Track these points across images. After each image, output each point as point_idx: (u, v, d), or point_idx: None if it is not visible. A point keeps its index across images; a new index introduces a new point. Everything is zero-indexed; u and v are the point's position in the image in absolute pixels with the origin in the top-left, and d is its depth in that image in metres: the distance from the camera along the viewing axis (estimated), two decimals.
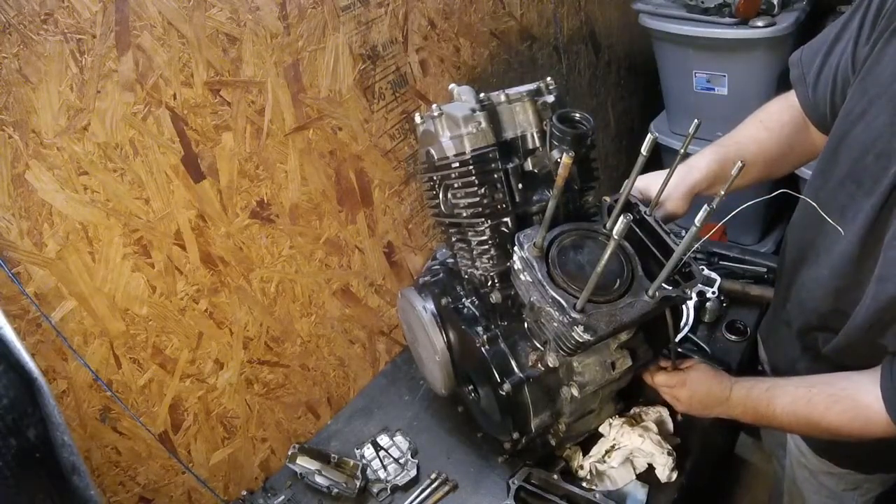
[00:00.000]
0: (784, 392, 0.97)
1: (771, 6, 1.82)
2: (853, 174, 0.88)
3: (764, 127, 1.08)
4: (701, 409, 1.08)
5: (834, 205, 0.90)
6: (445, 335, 1.20)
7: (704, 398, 1.06)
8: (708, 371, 1.08)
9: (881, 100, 0.83)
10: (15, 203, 0.90)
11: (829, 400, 0.91)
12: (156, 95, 1.01)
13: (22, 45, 0.85)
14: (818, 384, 0.94)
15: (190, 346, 1.17)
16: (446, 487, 1.24)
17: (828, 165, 0.95)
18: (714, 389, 1.05)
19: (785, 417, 0.96)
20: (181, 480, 1.22)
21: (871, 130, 0.85)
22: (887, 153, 0.82)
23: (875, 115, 0.84)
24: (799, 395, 0.94)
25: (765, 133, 1.08)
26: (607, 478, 1.17)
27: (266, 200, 1.22)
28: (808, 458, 1.19)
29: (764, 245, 2.28)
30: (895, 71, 0.82)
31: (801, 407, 0.93)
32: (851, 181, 0.89)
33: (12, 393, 0.75)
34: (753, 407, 1.00)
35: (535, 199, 1.06)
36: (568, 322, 0.90)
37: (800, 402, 0.94)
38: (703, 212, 0.76)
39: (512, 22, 1.72)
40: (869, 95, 0.86)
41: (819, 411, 0.91)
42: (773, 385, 0.99)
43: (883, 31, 0.84)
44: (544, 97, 1.06)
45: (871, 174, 0.85)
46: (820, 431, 0.94)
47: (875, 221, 0.84)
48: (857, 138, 0.87)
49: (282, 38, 1.16)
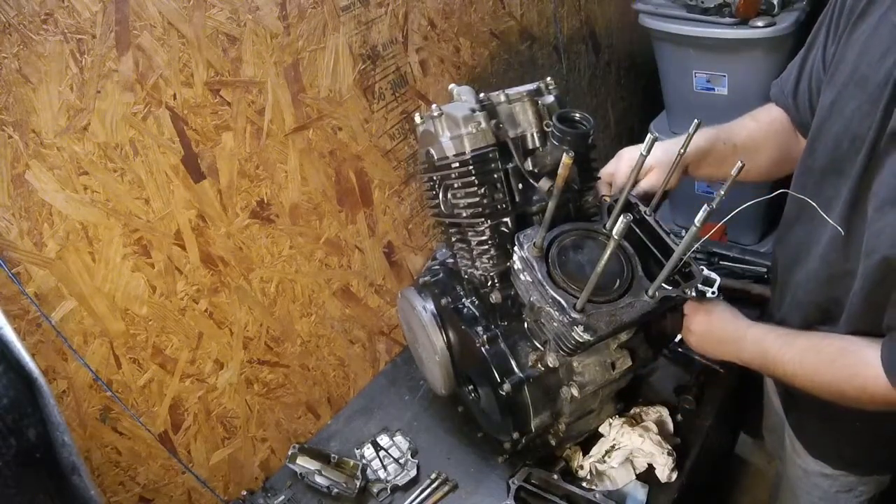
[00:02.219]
0: (796, 340, 0.95)
1: (771, 6, 1.81)
2: (833, 164, 0.90)
3: (752, 118, 1.12)
4: (713, 345, 1.05)
5: (821, 199, 0.91)
6: (445, 335, 1.20)
7: (720, 332, 1.03)
8: (729, 308, 1.05)
9: (848, 87, 0.86)
10: (15, 203, 0.90)
11: (837, 353, 0.89)
12: (156, 95, 1.01)
13: (22, 45, 0.85)
14: (830, 337, 0.93)
15: (190, 346, 1.17)
16: (446, 487, 1.24)
17: (808, 162, 0.97)
18: (731, 326, 1.02)
19: (791, 366, 0.94)
20: (181, 480, 1.22)
21: (843, 118, 0.87)
22: (860, 135, 0.84)
23: (845, 102, 0.87)
24: (810, 345, 0.93)
25: (753, 123, 1.11)
26: (607, 478, 1.17)
27: (266, 200, 1.22)
28: (802, 458, 1.19)
29: (764, 245, 2.28)
30: (859, 55, 0.85)
31: (810, 357, 0.92)
32: (832, 172, 0.90)
33: (12, 393, 0.76)
34: (764, 352, 0.97)
35: (535, 199, 1.06)
36: (568, 322, 0.90)
37: (809, 351, 0.92)
38: (702, 212, 0.76)
39: (512, 22, 1.72)
40: (837, 87, 0.89)
41: (825, 363, 0.90)
42: (788, 333, 0.98)
43: (845, 27, 0.89)
44: (544, 97, 1.06)
45: (848, 159, 0.86)
46: (821, 385, 0.91)
47: (855, 202, 0.86)
48: (831, 129, 0.90)
49: (282, 38, 1.16)
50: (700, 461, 1.23)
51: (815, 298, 0.99)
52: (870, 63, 0.83)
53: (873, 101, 0.81)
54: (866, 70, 0.83)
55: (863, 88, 0.83)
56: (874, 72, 0.81)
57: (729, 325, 1.03)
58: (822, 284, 0.96)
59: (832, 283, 0.94)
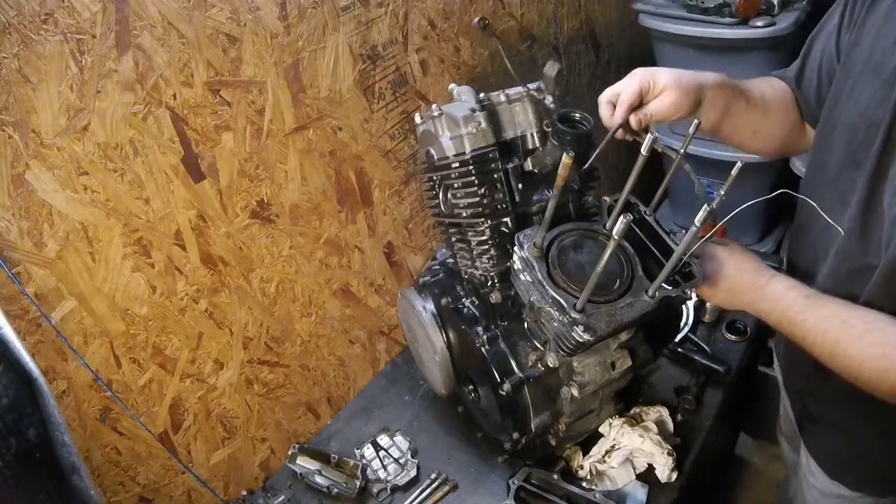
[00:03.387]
0: (823, 304, 0.86)
1: (771, 6, 1.81)
2: (850, 157, 0.87)
3: (766, 82, 1.06)
4: (726, 294, 0.96)
5: (835, 195, 0.88)
6: (445, 335, 1.20)
7: (735, 279, 0.94)
8: (748, 253, 0.96)
9: (864, 75, 0.84)
10: (15, 203, 0.90)
11: (865, 328, 0.81)
12: (156, 95, 1.01)
13: (22, 45, 0.85)
14: (860, 309, 0.85)
15: (190, 346, 1.17)
16: (446, 487, 1.24)
17: (822, 156, 0.94)
18: (748, 274, 0.93)
19: (812, 334, 0.85)
20: (181, 480, 1.22)
21: (858, 106, 0.85)
22: (875, 123, 0.81)
23: (860, 90, 0.84)
24: (836, 312, 0.85)
25: (767, 87, 1.05)
26: (607, 478, 1.17)
27: (266, 200, 1.22)
28: (818, 478, 1.13)
29: (764, 245, 2.28)
30: (873, 42, 0.83)
31: (835, 325, 0.84)
32: (849, 165, 0.87)
33: (12, 393, 0.76)
34: (785, 308, 0.89)
35: (535, 199, 1.06)
36: (568, 322, 0.90)
37: (835, 319, 0.84)
38: (702, 212, 0.76)
39: (512, 22, 1.72)
40: (852, 75, 0.86)
41: (850, 335, 0.82)
42: (812, 295, 0.88)
43: (860, 13, 0.86)
44: (544, 97, 1.06)
45: (864, 149, 0.83)
46: (843, 362, 0.83)
47: (872, 194, 0.83)
48: (847, 119, 0.87)
49: (282, 38, 1.16)
50: (700, 461, 1.23)
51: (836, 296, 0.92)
52: (884, 49, 0.81)
53: (888, 88, 0.79)
54: (881, 56, 0.81)
55: (877, 75, 0.81)
56: (888, 58, 0.80)
57: (748, 270, 0.93)
58: (842, 280, 0.91)
59: (852, 279, 0.89)
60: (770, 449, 2.07)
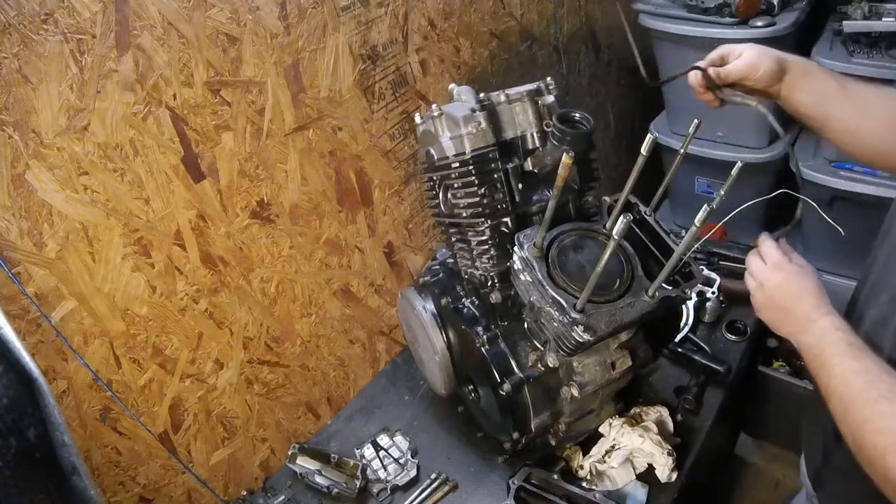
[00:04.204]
0: (860, 356, 0.77)
1: (771, 6, 1.82)
2: None
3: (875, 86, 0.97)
4: (774, 314, 0.89)
5: None
6: (445, 335, 1.20)
7: (791, 301, 0.86)
8: (815, 278, 0.87)
9: None
10: (15, 203, 0.90)
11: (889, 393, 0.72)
12: (156, 95, 1.01)
13: (22, 45, 0.85)
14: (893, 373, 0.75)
15: (190, 346, 1.17)
16: (446, 487, 1.24)
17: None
18: (808, 300, 0.84)
19: (835, 382, 0.77)
20: (181, 480, 1.22)
21: None
22: None
23: None
24: (869, 369, 0.75)
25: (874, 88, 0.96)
26: (607, 478, 1.17)
27: (266, 200, 1.22)
28: None
29: None
30: None
31: (860, 381, 0.75)
32: None
33: (12, 393, 0.75)
34: (824, 348, 0.80)
35: (535, 199, 1.06)
36: (568, 322, 0.90)
37: (864, 374, 0.75)
38: (703, 212, 0.76)
39: (512, 22, 1.72)
40: None
41: (868, 396, 0.73)
42: (857, 344, 0.79)
43: None
44: (544, 97, 1.06)
45: None
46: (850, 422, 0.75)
47: None
48: None
49: (282, 38, 1.16)
50: (700, 461, 1.23)
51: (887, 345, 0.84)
52: None
53: None
54: None
55: None
56: None
57: (809, 296, 0.85)
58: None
59: None
60: (770, 449, 2.08)
